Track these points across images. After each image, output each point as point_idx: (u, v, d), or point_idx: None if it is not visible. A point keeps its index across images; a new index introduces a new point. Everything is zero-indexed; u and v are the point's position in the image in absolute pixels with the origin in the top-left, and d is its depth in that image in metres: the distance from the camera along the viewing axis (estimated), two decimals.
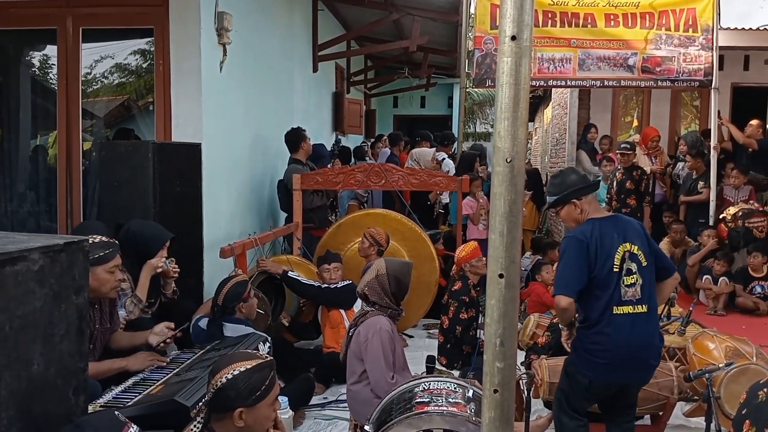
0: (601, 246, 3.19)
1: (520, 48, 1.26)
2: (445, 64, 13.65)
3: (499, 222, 1.29)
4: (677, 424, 4.15)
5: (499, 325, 1.28)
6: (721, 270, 6.95)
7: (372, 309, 3.60)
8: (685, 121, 10.50)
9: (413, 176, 6.17)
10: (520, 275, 5.28)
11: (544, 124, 13.53)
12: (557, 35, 7.35)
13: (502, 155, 1.29)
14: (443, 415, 2.61)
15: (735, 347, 4.21)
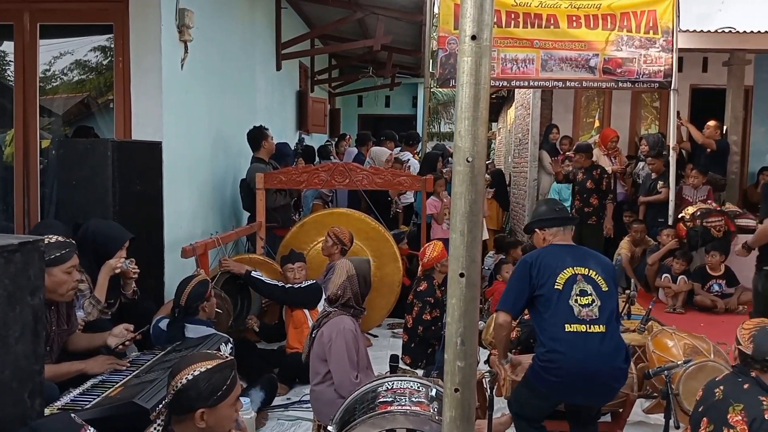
0: (545, 267, 3.30)
1: (480, 48, 1.26)
2: (410, 63, 13.68)
3: (460, 221, 1.29)
4: (637, 421, 4.21)
5: (460, 324, 1.28)
6: (679, 269, 7.10)
7: (335, 309, 3.59)
8: (646, 122, 10.71)
9: (377, 176, 6.17)
10: (482, 274, 5.35)
11: (508, 125, 13.67)
12: (520, 36, 7.43)
13: (463, 155, 1.29)
14: (406, 414, 2.60)
15: (693, 345, 4.31)
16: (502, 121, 15.97)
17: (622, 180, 9.00)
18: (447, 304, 1.31)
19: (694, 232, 7.21)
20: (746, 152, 9.95)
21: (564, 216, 3.58)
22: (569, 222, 3.57)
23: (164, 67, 5.06)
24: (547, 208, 3.57)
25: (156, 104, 5.03)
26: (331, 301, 3.66)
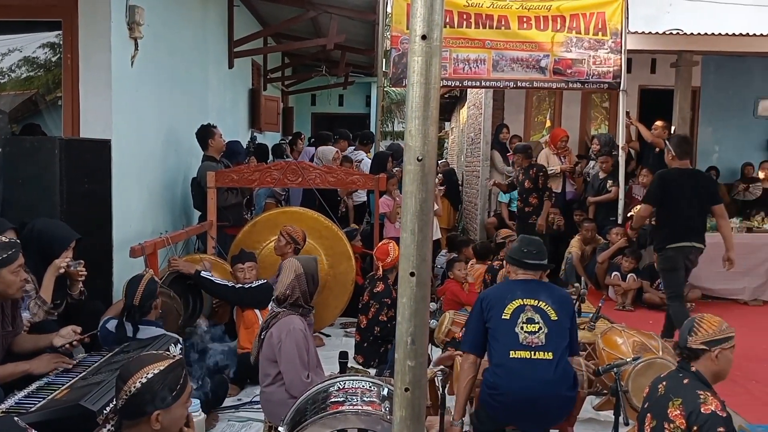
0: (495, 299, 3.37)
1: (431, 47, 1.26)
2: (363, 62, 13.68)
3: (410, 220, 1.28)
4: (587, 418, 4.28)
5: (411, 324, 1.28)
6: (629, 267, 7.28)
7: (283, 309, 3.55)
8: (596, 122, 10.94)
9: (330, 174, 6.14)
10: (432, 273, 5.37)
11: (460, 124, 13.79)
12: (472, 36, 7.49)
13: (413, 154, 1.29)
14: (358, 414, 2.60)
15: (642, 342, 4.41)
16: (454, 120, 16.10)
17: (572, 179, 9.18)
18: (398, 303, 1.30)
19: (643, 231, 7.39)
20: (694, 152, 10.25)
21: (528, 261, 3.51)
22: (532, 268, 3.51)
23: (114, 65, 5.01)
24: (517, 246, 3.59)
25: (105, 102, 4.98)
26: (280, 301, 3.62)
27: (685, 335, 2.78)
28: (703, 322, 2.78)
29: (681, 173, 5.78)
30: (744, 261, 7.46)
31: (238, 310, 5.14)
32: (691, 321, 2.82)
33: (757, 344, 5.92)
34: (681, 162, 5.82)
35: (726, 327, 2.77)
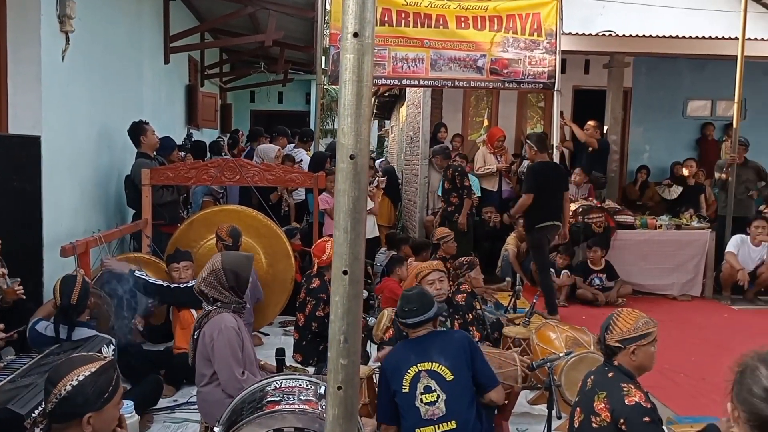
0: (394, 371, 3.27)
1: (363, 45, 1.26)
2: (303, 60, 13.59)
3: (343, 219, 1.28)
4: (522, 412, 4.36)
5: (343, 322, 1.27)
6: (563, 263, 7.47)
7: (214, 307, 3.50)
8: (531, 122, 11.17)
9: (269, 172, 6.08)
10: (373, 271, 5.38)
11: (400, 123, 13.85)
12: (411, 35, 7.54)
13: (346, 152, 1.28)
14: (295, 413, 2.58)
15: (574, 337, 4.53)
16: (394, 119, 16.16)
17: (508, 178, 9.36)
18: (330, 302, 1.30)
19: (576, 228, 7.60)
20: (625, 151, 10.60)
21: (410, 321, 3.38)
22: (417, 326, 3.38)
23: (44, 59, 4.88)
24: (400, 306, 3.46)
25: (35, 97, 4.86)
26: (200, 296, 3.56)
27: (603, 333, 2.86)
28: (619, 320, 2.83)
29: (545, 165, 6.91)
30: (673, 258, 7.80)
31: (174, 311, 5.04)
32: (609, 318, 2.88)
33: (685, 338, 6.18)
34: (542, 156, 6.97)
35: (642, 324, 2.80)
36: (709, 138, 10.68)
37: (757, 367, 1.64)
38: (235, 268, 3.52)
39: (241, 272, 3.55)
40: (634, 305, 7.00)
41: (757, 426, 1.59)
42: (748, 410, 1.61)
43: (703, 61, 9.65)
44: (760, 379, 1.60)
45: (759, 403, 1.58)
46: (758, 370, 1.63)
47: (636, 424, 2.59)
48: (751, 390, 1.61)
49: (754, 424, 1.60)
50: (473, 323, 4.59)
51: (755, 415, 1.58)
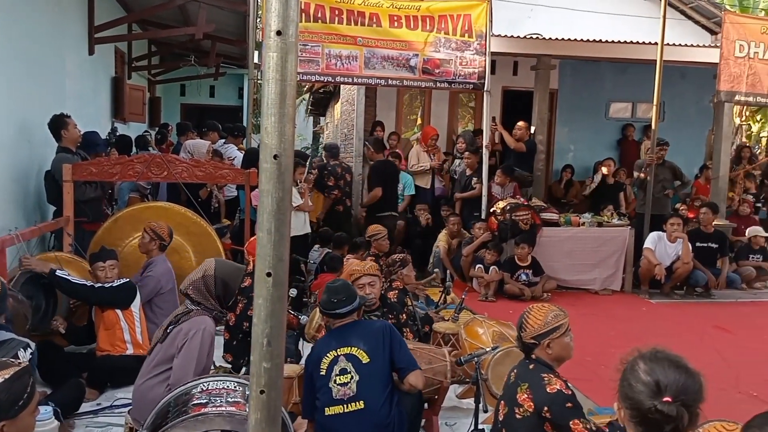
0: (314, 358, 3.36)
1: (286, 43, 1.24)
2: (235, 54, 13.36)
3: (267, 219, 1.26)
4: (451, 406, 4.41)
5: (267, 325, 1.26)
6: (491, 259, 7.63)
7: (197, 308, 3.45)
8: (463, 121, 11.35)
9: (198, 168, 5.94)
10: (307, 268, 5.32)
11: (335, 120, 13.82)
12: (344, 32, 7.52)
13: (270, 151, 1.26)
14: (222, 415, 2.54)
15: (501, 332, 4.64)
16: (329, 116, 16.11)
17: (440, 176, 9.48)
18: (254, 304, 1.28)
19: (504, 225, 7.79)
20: (551, 151, 10.90)
21: (338, 311, 3.45)
22: (343, 317, 3.45)
23: None
24: (326, 298, 3.50)
25: None
26: (189, 297, 3.49)
27: (519, 331, 2.96)
28: (530, 317, 2.93)
29: (381, 163, 8.41)
30: (595, 254, 8.09)
31: (98, 311, 4.85)
32: (521, 317, 2.98)
33: (606, 331, 6.42)
34: (377, 155, 8.59)
35: (552, 318, 2.89)
36: (630, 139, 11.13)
37: (636, 362, 1.73)
38: (225, 277, 3.50)
39: (230, 282, 3.54)
40: (558, 300, 7.28)
41: (639, 420, 1.67)
42: (630, 405, 1.68)
43: (624, 65, 10.03)
44: (639, 374, 1.69)
45: (638, 396, 1.65)
46: (637, 365, 1.71)
47: (560, 410, 2.69)
48: (631, 385, 1.69)
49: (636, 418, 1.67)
50: (407, 324, 4.62)
51: (637, 409, 1.66)
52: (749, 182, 10.08)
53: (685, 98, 10.86)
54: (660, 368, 1.69)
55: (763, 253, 8.86)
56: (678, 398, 1.65)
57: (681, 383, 1.67)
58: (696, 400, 1.68)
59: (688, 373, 1.70)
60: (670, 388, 1.66)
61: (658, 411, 1.64)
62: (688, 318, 7.20)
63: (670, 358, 1.73)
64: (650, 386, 1.67)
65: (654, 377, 1.68)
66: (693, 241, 8.09)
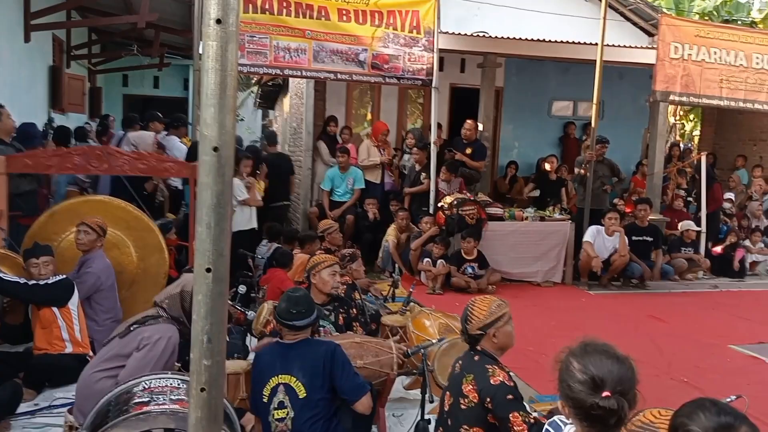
0: (261, 374, 3.28)
1: (226, 32, 1.22)
2: (180, 44, 13.06)
3: (206, 214, 1.23)
4: (398, 398, 4.46)
5: (206, 322, 1.23)
6: (439, 253, 7.71)
7: (165, 317, 3.42)
8: (412, 117, 11.38)
9: (141, 161, 5.77)
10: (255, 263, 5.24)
11: (284, 113, 13.67)
12: (292, 25, 7.44)
13: (209, 143, 1.23)
14: (165, 413, 2.48)
15: (447, 324, 4.69)
16: (278, 109, 15.92)
17: (390, 171, 9.50)
18: (193, 301, 1.25)
19: (451, 220, 7.88)
20: (496, 147, 11.05)
21: (296, 324, 3.32)
22: (300, 329, 3.33)
23: None
24: (284, 307, 3.37)
25: None
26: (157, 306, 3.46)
27: (464, 324, 3.00)
28: (474, 308, 2.98)
29: (274, 156, 9.24)
30: (537, 247, 8.28)
31: (34, 309, 4.67)
32: (466, 310, 3.02)
33: (547, 321, 6.58)
34: (272, 148, 9.57)
35: (495, 308, 2.96)
36: (571, 136, 11.39)
37: (569, 362, 1.78)
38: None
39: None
40: (502, 292, 7.41)
41: (583, 416, 1.72)
42: (573, 404, 1.73)
43: (567, 64, 10.23)
44: (574, 373, 1.74)
45: (578, 395, 1.70)
46: (571, 365, 1.77)
47: (501, 402, 2.74)
48: (569, 386, 1.74)
49: (580, 415, 1.72)
50: (357, 318, 4.62)
51: (579, 408, 1.71)
52: (681, 178, 10.45)
53: (623, 98, 11.15)
54: (592, 363, 1.74)
55: (695, 246, 9.23)
56: (616, 390, 1.69)
57: (615, 374, 1.71)
58: (632, 386, 1.74)
59: (619, 361, 1.75)
60: (607, 382, 1.70)
61: (600, 407, 1.68)
62: (624, 308, 7.45)
63: (599, 350, 1.78)
64: (587, 384, 1.71)
65: (589, 374, 1.72)
66: (629, 234, 8.37)
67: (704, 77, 9.09)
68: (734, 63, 9.23)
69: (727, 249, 9.51)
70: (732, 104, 9.44)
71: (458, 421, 2.86)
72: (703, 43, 9.09)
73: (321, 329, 4.07)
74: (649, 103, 9.66)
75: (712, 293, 8.56)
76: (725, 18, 16.22)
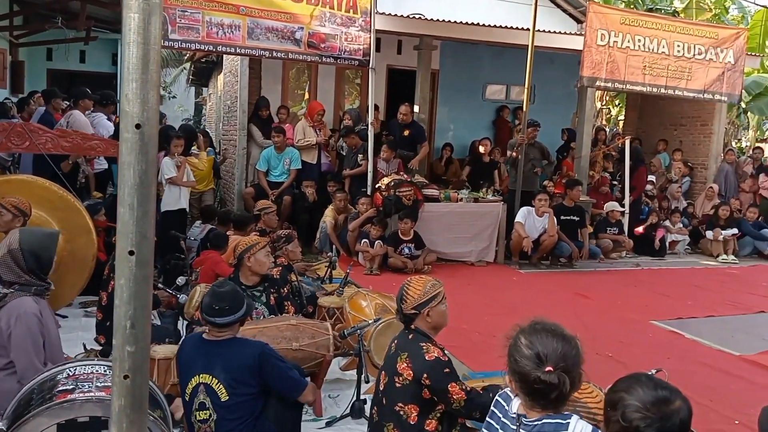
0: (185, 368, 3.14)
1: (149, 4, 1.16)
2: (108, 17, 12.50)
3: (128, 194, 1.18)
4: (334, 379, 4.48)
5: (130, 306, 1.19)
6: (376, 234, 7.74)
7: (11, 290, 3.15)
8: (350, 98, 11.32)
9: (64, 139, 5.54)
10: (187, 245, 5.11)
11: (218, 91, 13.36)
12: (226, 0, 7.24)
13: (131, 120, 1.18)
14: (91, 401, 2.40)
15: (383, 304, 4.73)
16: (212, 87, 15.55)
17: (326, 151, 9.44)
18: (116, 285, 1.20)
19: (389, 201, 7.91)
20: (432, 130, 11.12)
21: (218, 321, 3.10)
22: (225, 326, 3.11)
23: None
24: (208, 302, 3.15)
25: None
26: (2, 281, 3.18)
27: (399, 304, 3.03)
28: (410, 288, 3.01)
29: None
30: (471, 228, 8.44)
31: None
32: (401, 290, 3.05)
33: (480, 300, 6.72)
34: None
35: (430, 287, 2.99)
36: (504, 119, 11.59)
37: (518, 338, 1.85)
38: (35, 248, 3.20)
39: (42, 253, 3.24)
40: (437, 272, 7.51)
41: (527, 389, 1.78)
42: (518, 378, 1.79)
43: (500, 49, 10.35)
44: (521, 348, 1.80)
45: (524, 369, 1.77)
46: (519, 341, 1.83)
47: (438, 375, 2.80)
48: (516, 361, 1.81)
49: (525, 389, 1.79)
50: (288, 297, 4.59)
51: (524, 381, 1.77)
52: (607, 162, 10.80)
53: (553, 82, 11.39)
54: (539, 340, 1.80)
55: (619, 227, 9.59)
56: (558, 366, 1.76)
57: (559, 351, 1.78)
58: (575, 365, 1.81)
59: (565, 340, 1.82)
60: (550, 358, 1.77)
61: (542, 381, 1.74)
62: (553, 286, 7.69)
63: (547, 329, 1.85)
64: (532, 359, 1.77)
65: (535, 350, 1.78)
66: (557, 214, 8.64)
67: (629, 64, 9.40)
68: (657, 50, 9.59)
69: (648, 229, 9.91)
70: (654, 90, 9.81)
71: (393, 399, 2.90)
72: (628, 31, 9.39)
73: (254, 310, 4.01)
74: (577, 88, 9.92)
75: (635, 271, 8.92)
76: (649, 7, 16.76)
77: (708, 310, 6.84)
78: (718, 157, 11.71)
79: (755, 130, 18.39)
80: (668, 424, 1.64)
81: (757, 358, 5.32)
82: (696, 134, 11.92)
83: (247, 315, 3.23)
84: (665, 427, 1.63)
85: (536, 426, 1.77)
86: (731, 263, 9.72)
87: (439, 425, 2.89)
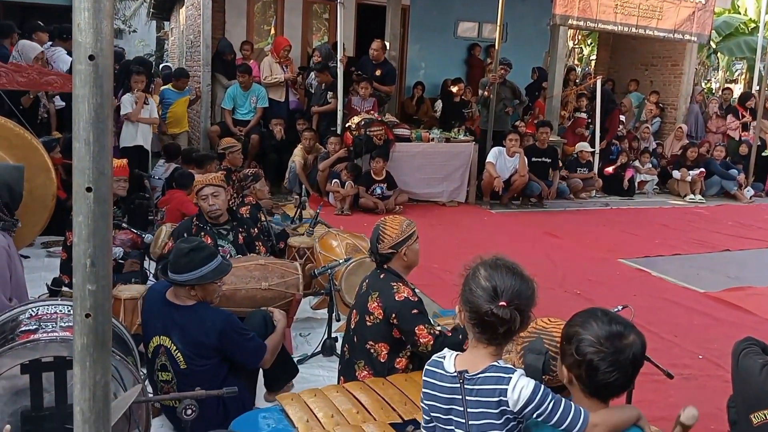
0: (147, 322, 3.03)
1: None
2: None
3: (84, 129, 1.12)
4: (305, 317, 4.52)
5: (89, 244, 1.14)
6: (348, 176, 7.67)
7: None
8: (318, 34, 11.04)
9: (20, 74, 5.30)
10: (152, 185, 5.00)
11: (181, 25, 12.91)
12: None
13: (84, 51, 1.11)
14: (56, 341, 2.37)
15: (354, 244, 4.73)
16: (174, 20, 15.02)
17: (294, 89, 9.24)
18: (74, 222, 1.15)
19: (359, 140, 7.83)
20: (404, 68, 10.95)
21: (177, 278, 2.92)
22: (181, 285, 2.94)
23: None
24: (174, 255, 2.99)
25: None
26: None
27: (374, 243, 3.00)
28: (386, 227, 2.99)
29: None
30: (443, 168, 8.43)
31: None
32: (376, 229, 3.02)
33: (451, 239, 6.77)
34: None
35: (406, 226, 2.99)
36: (476, 58, 11.44)
37: (478, 269, 1.84)
38: (9, 181, 3.17)
39: (15, 186, 3.21)
40: (409, 212, 7.54)
41: (477, 322, 1.79)
42: (470, 309, 1.80)
43: None
44: (480, 280, 1.81)
45: (477, 300, 1.78)
46: (478, 272, 1.83)
47: (406, 316, 2.82)
48: (471, 290, 1.81)
49: (474, 320, 1.80)
50: (258, 237, 4.55)
51: (475, 312, 1.78)
52: (581, 101, 10.81)
53: (525, 21, 11.25)
54: (498, 275, 1.80)
55: (589, 167, 9.69)
56: (512, 303, 1.76)
57: (516, 289, 1.78)
58: (528, 305, 1.81)
59: (522, 279, 1.82)
60: (506, 293, 1.77)
61: (494, 314, 1.75)
62: (523, 226, 7.79)
63: (507, 266, 1.85)
64: (488, 291, 1.77)
65: (492, 283, 1.78)
66: (529, 156, 8.66)
67: (600, 2, 9.31)
68: None
69: (618, 169, 10.03)
70: (625, 30, 9.75)
71: (364, 337, 2.92)
72: None
73: (220, 248, 3.96)
74: (549, 27, 9.80)
75: (604, 211, 9.07)
76: None
77: (675, 249, 6.99)
78: (687, 98, 11.80)
79: (725, 70, 18.53)
80: (621, 357, 1.67)
81: (721, 295, 5.48)
82: (667, 74, 11.96)
83: (205, 279, 2.93)
84: (618, 360, 1.67)
85: (479, 378, 1.78)
86: (698, 203, 9.92)
87: (409, 363, 2.93)
